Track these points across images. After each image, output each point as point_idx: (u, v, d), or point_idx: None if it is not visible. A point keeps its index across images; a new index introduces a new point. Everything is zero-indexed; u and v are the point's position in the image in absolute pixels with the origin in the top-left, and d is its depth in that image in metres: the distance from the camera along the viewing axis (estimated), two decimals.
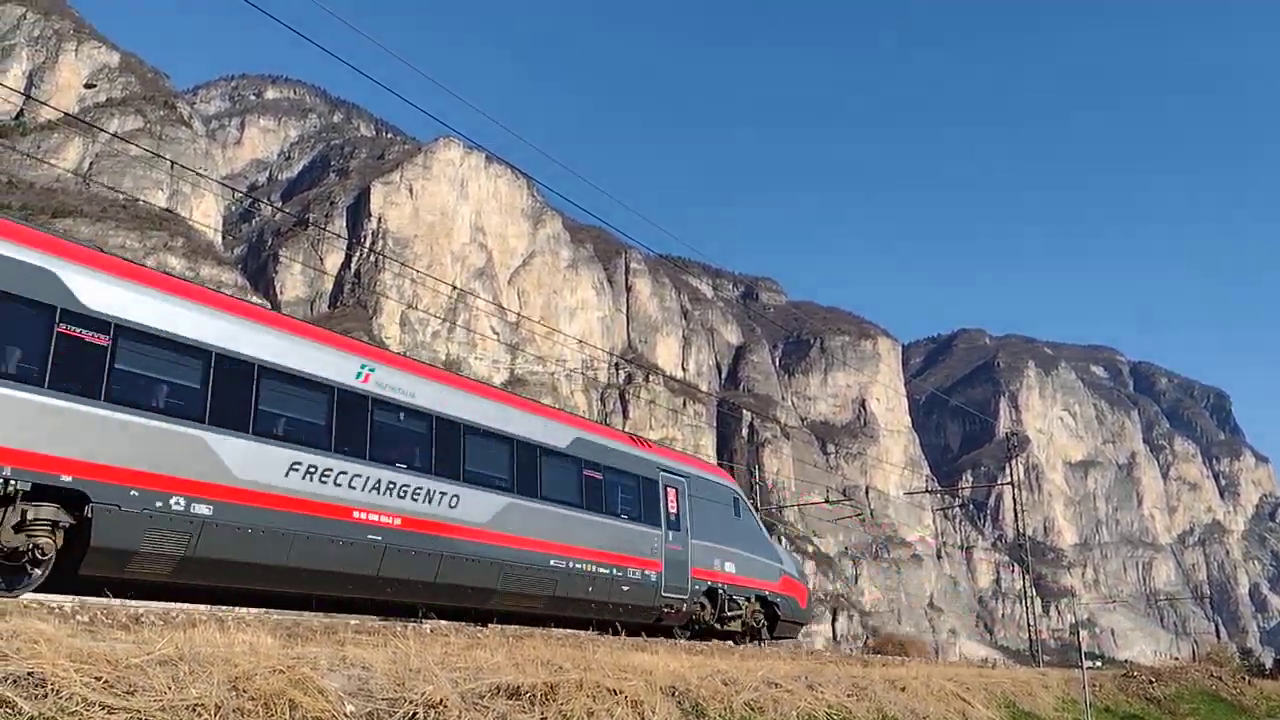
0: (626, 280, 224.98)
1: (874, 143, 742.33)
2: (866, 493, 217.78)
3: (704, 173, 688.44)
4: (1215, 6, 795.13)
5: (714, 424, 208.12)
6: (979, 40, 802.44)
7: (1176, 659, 51.05)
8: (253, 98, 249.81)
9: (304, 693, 6.44)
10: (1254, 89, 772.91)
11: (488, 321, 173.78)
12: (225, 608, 11.57)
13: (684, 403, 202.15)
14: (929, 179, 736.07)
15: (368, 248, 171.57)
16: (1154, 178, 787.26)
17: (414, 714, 6.99)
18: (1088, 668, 23.10)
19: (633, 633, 18.12)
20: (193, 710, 5.82)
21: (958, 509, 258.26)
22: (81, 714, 5.43)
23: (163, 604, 11.09)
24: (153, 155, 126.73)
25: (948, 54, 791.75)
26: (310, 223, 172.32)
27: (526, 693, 8.02)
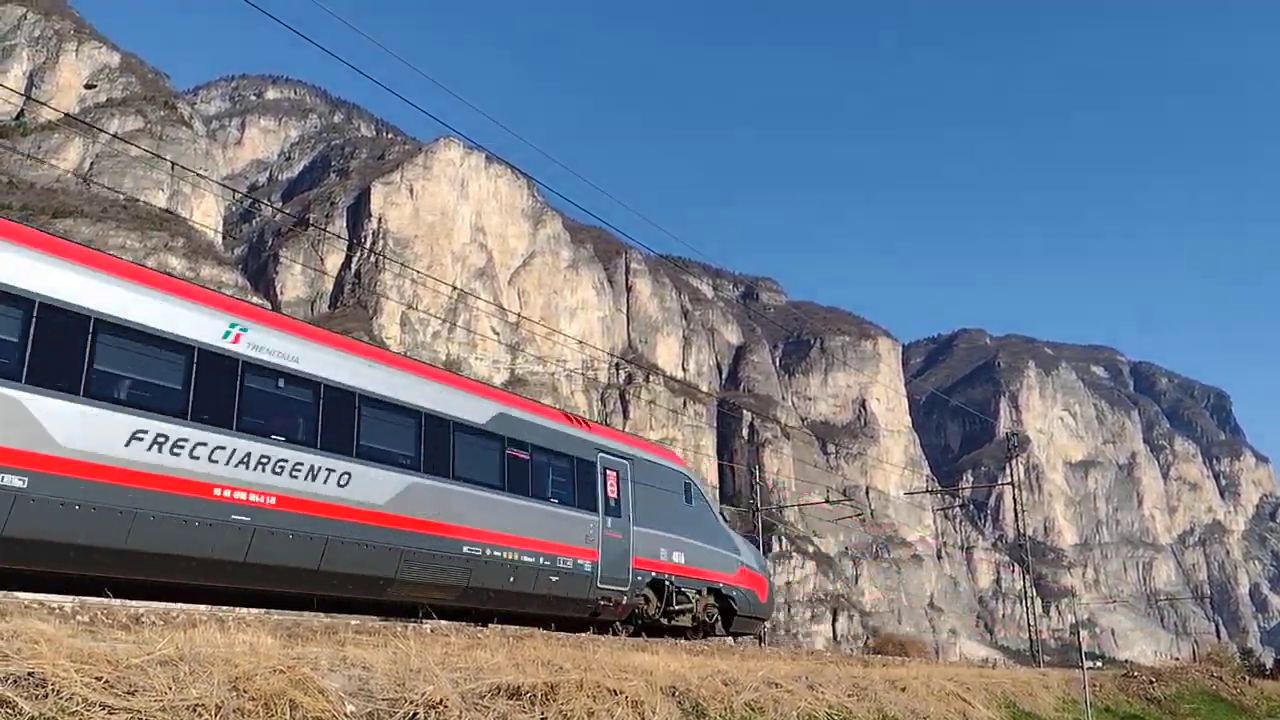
0: (627, 280, 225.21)
1: (874, 143, 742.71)
2: (867, 493, 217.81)
3: (704, 173, 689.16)
4: (1215, 6, 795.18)
5: (714, 424, 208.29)
6: (979, 40, 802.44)
7: (1177, 659, 51.22)
8: (253, 98, 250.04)
9: (304, 693, 6.45)
10: (1254, 89, 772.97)
11: (488, 322, 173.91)
12: (226, 608, 11.57)
13: (684, 403, 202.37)
14: (929, 179, 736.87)
15: (368, 248, 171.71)
16: (1154, 178, 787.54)
17: (414, 714, 7.00)
18: (1088, 668, 23.08)
19: (566, 628, 17.03)
20: (193, 710, 5.83)
21: (958, 509, 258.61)
22: (82, 714, 5.44)
23: (163, 604, 11.09)
24: (153, 156, 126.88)
25: (948, 54, 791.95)
26: (310, 223, 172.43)
27: (527, 693, 8.03)
